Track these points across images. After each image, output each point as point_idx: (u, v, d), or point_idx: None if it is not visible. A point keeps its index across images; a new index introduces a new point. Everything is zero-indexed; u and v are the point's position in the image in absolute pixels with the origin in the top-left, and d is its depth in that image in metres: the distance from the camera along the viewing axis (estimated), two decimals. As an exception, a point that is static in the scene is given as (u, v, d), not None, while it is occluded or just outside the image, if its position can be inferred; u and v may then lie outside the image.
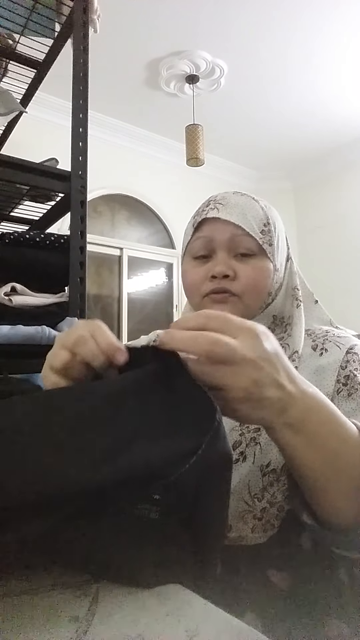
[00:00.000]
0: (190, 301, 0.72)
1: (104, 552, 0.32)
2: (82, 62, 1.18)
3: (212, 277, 0.66)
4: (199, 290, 0.68)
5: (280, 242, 0.70)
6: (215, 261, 0.66)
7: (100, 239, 3.78)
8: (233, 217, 0.65)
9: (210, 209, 0.68)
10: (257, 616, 0.50)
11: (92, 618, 0.29)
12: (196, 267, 0.69)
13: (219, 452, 0.32)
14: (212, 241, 0.67)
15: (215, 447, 0.32)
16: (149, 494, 0.30)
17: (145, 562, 0.33)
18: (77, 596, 0.32)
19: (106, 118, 3.68)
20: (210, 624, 0.28)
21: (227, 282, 0.65)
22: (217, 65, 3.06)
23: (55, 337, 1.01)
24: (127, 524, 0.31)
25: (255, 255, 0.66)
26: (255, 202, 0.69)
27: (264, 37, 2.79)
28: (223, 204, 0.67)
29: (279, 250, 0.69)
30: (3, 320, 0.99)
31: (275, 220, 0.70)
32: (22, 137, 1.84)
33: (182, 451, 0.31)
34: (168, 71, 3.10)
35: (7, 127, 1.66)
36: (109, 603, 0.31)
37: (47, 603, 0.31)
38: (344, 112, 3.69)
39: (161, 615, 0.30)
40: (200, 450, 0.30)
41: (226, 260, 0.66)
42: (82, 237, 1.12)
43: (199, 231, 0.69)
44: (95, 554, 0.32)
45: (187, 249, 0.72)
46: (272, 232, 0.68)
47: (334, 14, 2.62)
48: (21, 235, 1.07)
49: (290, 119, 3.78)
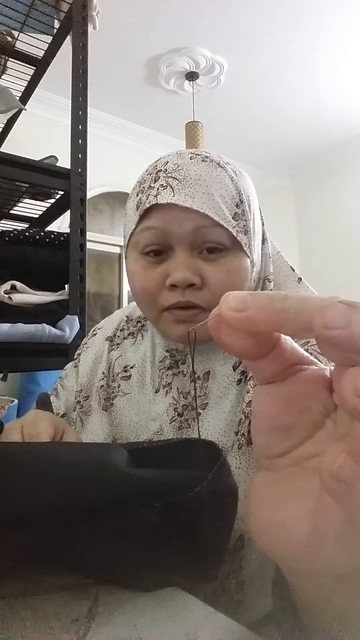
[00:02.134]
0: (145, 313, 0.54)
1: (103, 555, 0.32)
2: (81, 59, 1.18)
3: (171, 285, 0.48)
4: (155, 303, 0.51)
5: (256, 225, 0.53)
6: (174, 263, 0.49)
7: (100, 236, 3.78)
8: (196, 201, 0.47)
9: (161, 187, 0.48)
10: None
11: (92, 621, 0.29)
12: (147, 269, 0.51)
13: (225, 487, 0.32)
14: (167, 235, 0.49)
15: (221, 481, 0.31)
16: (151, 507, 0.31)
17: (144, 566, 0.32)
18: (77, 599, 0.32)
19: (106, 115, 3.67)
20: (209, 628, 0.28)
21: (192, 292, 0.48)
22: (217, 62, 3.05)
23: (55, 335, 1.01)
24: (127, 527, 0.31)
25: (227, 249, 0.49)
26: (222, 171, 0.49)
27: (264, 34, 2.78)
28: (179, 180, 0.48)
29: (255, 237, 0.52)
30: (3, 318, 0.99)
31: (248, 192, 0.52)
32: (21, 134, 1.83)
33: (187, 479, 0.31)
34: (168, 68, 3.09)
35: (7, 124, 1.66)
36: (109, 606, 0.31)
37: (47, 605, 0.31)
38: (344, 109, 3.68)
39: (161, 618, 0.30)
40: (205, 482, 0.30)
41: (188, 261, 0.48)
42: (82, 234, 1.12)
43: (148, 219, 0.50)
44: (94, 556, 0.32)
45: (130, 241, 0.53)
46: (246, 214, 0.50)
47: (334, 11, 2.61)
48: (21, 233, 1.07)
49: (290, 116, 3.76)
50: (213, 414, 0.52)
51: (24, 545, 0.30)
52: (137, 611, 0.30)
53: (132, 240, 0.52)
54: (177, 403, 0.55)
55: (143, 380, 0.61)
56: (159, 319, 0.52)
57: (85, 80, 1.17)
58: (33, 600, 0.31)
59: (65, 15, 1.24)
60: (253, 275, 0.53)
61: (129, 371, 0.63)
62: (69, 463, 0.31)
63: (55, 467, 0.31)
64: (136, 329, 0.66)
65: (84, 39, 1.19)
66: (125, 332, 0.67)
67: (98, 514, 0.29)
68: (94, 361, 0.68)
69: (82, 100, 1.15)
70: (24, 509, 0.28)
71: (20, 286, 1.03)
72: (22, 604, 0.31)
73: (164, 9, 2.57)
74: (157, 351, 0.61)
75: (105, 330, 0.71)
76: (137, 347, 0.64)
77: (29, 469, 0.30)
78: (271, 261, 0.58)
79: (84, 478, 0.30)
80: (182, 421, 0.54)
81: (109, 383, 0.64)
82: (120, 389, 0.62)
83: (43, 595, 0.32)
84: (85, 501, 0.29)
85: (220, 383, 0.53)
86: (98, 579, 0.34)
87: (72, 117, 1.14)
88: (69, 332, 1.04)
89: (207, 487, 0.30)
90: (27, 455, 0.32)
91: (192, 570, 0.34)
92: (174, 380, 0.57)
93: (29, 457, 0.32)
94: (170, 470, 0.32)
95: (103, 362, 0.66)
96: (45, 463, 0.31)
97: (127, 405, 0.60)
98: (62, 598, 0.32)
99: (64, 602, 0.31)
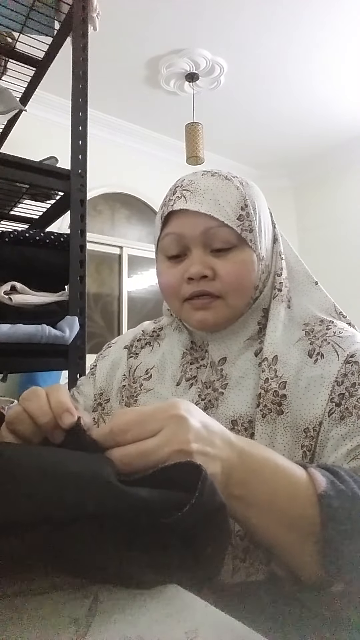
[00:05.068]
0: (170, 305, 0.66)
1: (103, 554, 0.32)
2: (81, 60, 1.18)
3: (188, 278, 0.59)
4: (178, 295, 0.61)
5: (263, 225, 0.62)
6: (190, 260, 0.59)
7: (100, 237, 3.78)
8: (204, 206, 0.57)
9: (177, 197, 0.60)
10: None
11: (92, 619, 0.29)
12: (171, 267, 0.62)
13: (213, 504, 0.33)
14: (183, 238, 0.59)
15: (208, 499, 0.32)
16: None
17: (144, 563, 0.32)
18: (77, 597, 0.32)
19: (106, 116, 3.67)
20: (210, 626, 0.28)
21: (206, 283, 0.58)
22: (217, 63, 3.05)
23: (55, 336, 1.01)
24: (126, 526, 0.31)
25: (234, 247, 0.58)
26: (228, 182, 0.60)
27: (263, 35, 2.79)
28: (191, 191, 0.59)
29: (262, 235, 0.61)
30: (3, 319, 0.99)
31: (254, 199, 0.61)
32: (21, 135, 1.83)
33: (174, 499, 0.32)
34: (168, 69, 3.10)
35: (7, 125, 1.66)
36: (109, 604, 0.31)
37: (47, 604, 0.31)
38: (344, 110, 3.68)
39: (161, 616, 0.30)
40: (194, 499, 0.31)
41: (202, 258, 0.58)
42: (82, 235, 1.12)
43: (168, 226, 0.61)
44: (94, 555, 0.32)
45: (158, 247, 0.64)
46: (251, 216, 0.59)
47: (334, 12, 2.61)
48: (21, 234, 1.07)
49: (290, 117, 3.77)
50: (235, 392, 0.59)
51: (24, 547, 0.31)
52: (137, 610, 0.30)
53: (159, 245, 0.64)
54: (201, 392, 0.61)
55: (163, 376, 0.67)
56: (182, 308, 0.62)
57: (85, 81, 1.17)
58: (33, 600, 0.31)
59: (66, 17, 1.24)
60: (261, 267, 0.61)
61: (149, 372, 0.69)
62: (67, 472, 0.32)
63: (53, 474, 0.31)
64: (152, 339, 0.74)
65: (84, 40, 1.19)
66: (142, 342, 0.75)
67: (92, 523, 0.30)
68: (112, 366, 0.73)
69: (82, 101, 1.15)
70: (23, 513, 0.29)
71: (20, 287, 1.03)
72: (22, 604, 0.31)
73: (163, 10, 2.58)
74: (175, 350, 0.69)
75: (121, 343, 0.77)
76: (155, 353, 0.72)
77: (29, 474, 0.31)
78: (284, 263, 0.65)
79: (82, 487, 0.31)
80: (206, 402, 0.60)
81: (130, 384, 0.69)
82: (143, 387, 0.68)
83: (43, 595, 0.32)
84: (81, 511, 0.29)
85: (241, 366, 0.61)
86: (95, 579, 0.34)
87: (72, 118, 1.14)
88: (69, 332, 1.04)
89: (195, 506, 0.31)
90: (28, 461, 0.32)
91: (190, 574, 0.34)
92: (198, 373, 0.64)
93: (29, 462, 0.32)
94: (159, 491, 0.32)
95: (122, 366, 0.72)
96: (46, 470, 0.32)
97: (151, 399, 0.65)
98: (62, 598, 0.32)
99: (63, 602, 0.31)
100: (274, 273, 0.64)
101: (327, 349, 0.56)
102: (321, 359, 0.55)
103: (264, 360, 0.58)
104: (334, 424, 0.51)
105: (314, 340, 0.58)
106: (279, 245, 0.66)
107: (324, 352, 0.56)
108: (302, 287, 0.65)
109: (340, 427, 0.51)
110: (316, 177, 4.71)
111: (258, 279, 0.61)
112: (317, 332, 0.59)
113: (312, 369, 0.55)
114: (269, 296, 0.63)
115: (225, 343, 0.63)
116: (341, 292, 4.12)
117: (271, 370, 0.56)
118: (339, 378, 0.53)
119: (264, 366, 0.57)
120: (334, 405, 0.52)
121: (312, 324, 0.62)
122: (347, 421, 0.50)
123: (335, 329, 0.59)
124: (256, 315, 0.63)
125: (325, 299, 0.66)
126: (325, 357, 0.55)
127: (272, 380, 0.56)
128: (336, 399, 0.52)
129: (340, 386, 0.52)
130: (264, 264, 0.61)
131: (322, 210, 4.65)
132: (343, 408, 0.51)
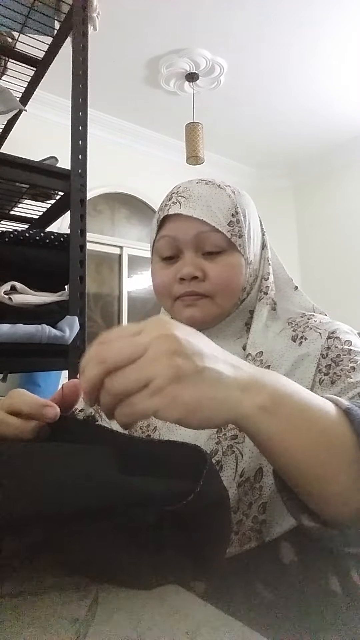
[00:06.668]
0: (162, 304, 0.69)
1: (103, 554, 0.32)
2: (81, 60, 1.18)
3: (180, 279, 0.62)
4: (170, 294, 0.65)
5: (253, 231, 0.66)
6: (182, 262, 0.63)
7: (100, 237, 3.78)
8: (197, 211, 0.61)
9: (172, 203, 0.64)
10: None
11: (93, 619, 0.29)
12: (164, 268, 0.66)
13: (216, 493, 0.33)
14: (176, 240, 0.63)
15: (212, 488, 0.32)
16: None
17: (144, 564, 0.32)
18: (77, 597, 0.32)
19: (106, 116, 3.67)
20: (210, 626, 0.28)
21: (197, 283, 0.62)
22: (217, 63, 3.05)
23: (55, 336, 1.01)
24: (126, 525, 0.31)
25: (224, 251, 0.62)
26: (221, 190, 0.64)
27: (263, 35, 2.78)
28: (186, 197, 0.63)
29: (251, 241, 0.65)
30: (3, 319, 0.99)
31: (245, 207, 0.65)
32: (21, 135, 1.83)
33: (179, 487, 0.31)
34: (168, 69, 3.09)
35: (7, 125, 1.66)
36: (109, 604, 0.31)
37: (48, 604, 0.31)
38: (344, 110, 3.68)
39: (162, 616, 0.30)
40: (198, 487, 0.31)
41: (194, 260, 0.62)
42: (82, 235, 1.12)
43: (163, 229, 0.65)
44: (94, 555, 0.32)
45: (153, 248, 0.68)
46: (241, 222, 0.63)
47: (334, 11, 2.61)
48: (21, 234, 1.07)
49: (290, 117, 3.77)
50: None
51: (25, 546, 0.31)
52: (137, 610, 0.30)
53: (154, 247, 0.67)
54: None
55: None
56: (173, 306, 0.65)
57: (85, 81, 1.17)
58: (33, 600, 0.31)
59: (66, 17, 1.24)
60: (249, 271, 0.64)
61: None
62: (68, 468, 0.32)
63: (55, 471, 0.31)
64: None
65: (84, 40, 1.19)
66: None
67: (93, 518, 0.30)
68: None
69: (82, 101, 1.16)
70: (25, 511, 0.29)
71: (20, 287, 1.03)
72: (22, 604, 0.31)
73: (164, 10, 2.58)
74: None
75: None
76: None
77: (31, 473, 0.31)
78: (271, 268, 0.69)
79: (82, 483, 0.31)
80: None
81: None
82: None
83: (43, 595, 0.32)
84: (81, 506, 0.29)
85: None
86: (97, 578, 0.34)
87: (72, 118, 1.14)
88: (68, 332, 1.04)
89: (198, 494, 0.31)
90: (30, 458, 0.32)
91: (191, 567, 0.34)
92: None
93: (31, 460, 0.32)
94: (161, 480, 0.32)
95: None
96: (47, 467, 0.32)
97: None
98: (62, 598, 0.32)
99: (63, 602, 0.31)
100: (261, 277, 0.68)
101: (309, 333, 0.60)
102: (305, 341, 0.60)
103: (248, 356, 0.62)
104: (325, 389, 0.54)
105: (296, 328, 0.63)
106: (267, 251, 0.70)
107: (307, 336, 0.60)
108: (284, 292, 0.70)
109: (332, 389, 0.53)
110: (316, 177, 4.71)
111: (246, 282, 0.64)
112: (299, 322, 0.64)
113: (297, 350, 0.59)
114: (255, 298, 0.67)
115: (214, 340, 0.63)
116: (341, 291, 4.14)
117: (256, 361, 0.61)
118: (324, 352, 0.57)
119: (249, 360, 0.61)
120: (323, 375, 0.56)
121: (294, 317, 0.67)
122: (337, 383, 0.54)
123: (316, 319, 0.64)
124: (243, 315, 0.66)
125: (306, 301, 0.71)
126: (309, 338, 0.60)
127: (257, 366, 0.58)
128: (324, 369, 0.56)
129: (326, 358, 0.57)
130: (252, 267, 0.65)
131: (322, 209, 4.65)
132: (332, 374, 0.55)
